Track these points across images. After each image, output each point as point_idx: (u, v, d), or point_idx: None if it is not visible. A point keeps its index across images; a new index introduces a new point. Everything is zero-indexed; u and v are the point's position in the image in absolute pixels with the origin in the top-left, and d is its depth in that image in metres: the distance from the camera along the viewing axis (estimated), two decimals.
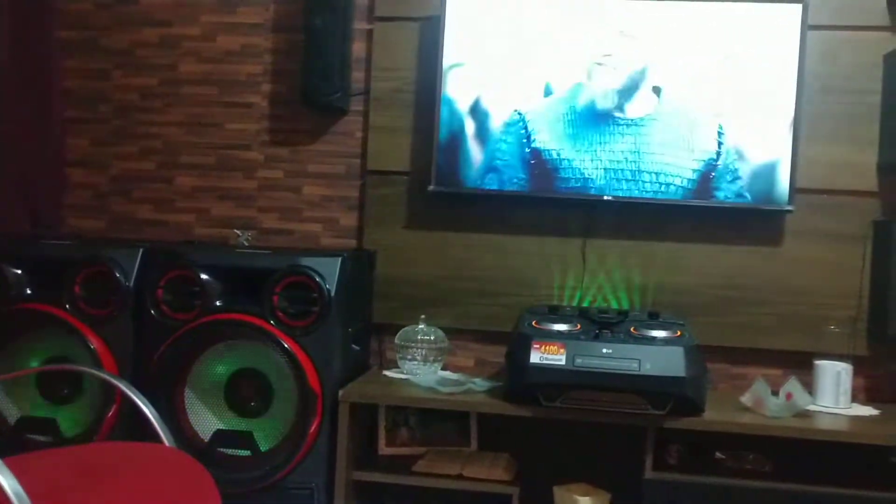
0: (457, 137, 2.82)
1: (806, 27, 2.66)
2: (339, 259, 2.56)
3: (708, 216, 2.79)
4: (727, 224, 2.79)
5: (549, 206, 2.86)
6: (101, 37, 3.16)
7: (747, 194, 2.69)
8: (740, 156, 2.69)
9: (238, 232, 2.91)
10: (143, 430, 2.18)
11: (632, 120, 2.74)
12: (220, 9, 3.09)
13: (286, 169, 3.07)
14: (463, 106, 2.82)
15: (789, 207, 2.69)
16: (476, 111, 2.81)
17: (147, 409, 2.17)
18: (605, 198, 2.75)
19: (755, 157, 2.69)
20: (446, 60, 2.81)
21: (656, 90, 2.73)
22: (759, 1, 2.70)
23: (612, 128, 2.75)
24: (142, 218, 3.14)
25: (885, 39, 2.72)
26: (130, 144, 3.15)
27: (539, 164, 2.77)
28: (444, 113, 2.82)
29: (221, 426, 2.57)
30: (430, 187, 2.84)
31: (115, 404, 2.54)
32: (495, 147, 2.80)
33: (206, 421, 2.58)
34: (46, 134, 3.09)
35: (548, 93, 2.78)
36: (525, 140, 2.78)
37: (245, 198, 3.09)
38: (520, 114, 2.78)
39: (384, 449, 2.77)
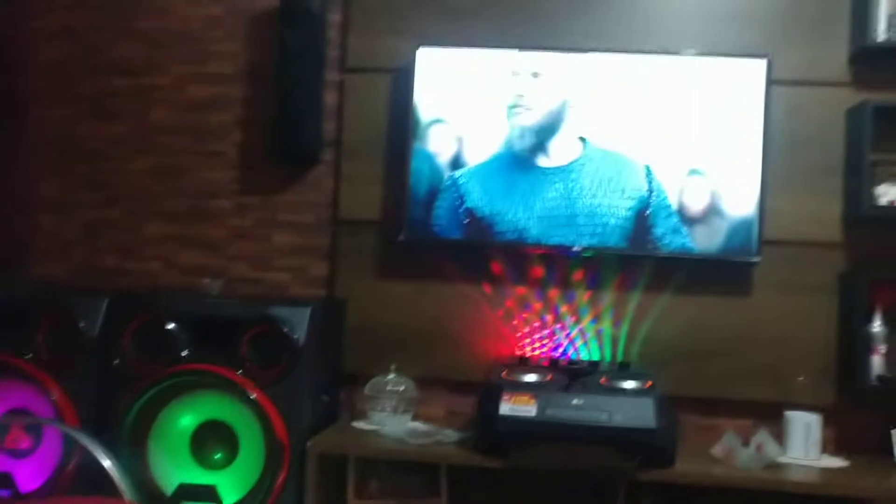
0: (428, 188, 2.83)
1: (770, 82, 2.72)
2: (309, 309, 2.54)
3: (677, 267, 2.81)
4: (696, 275, 2.81)
5: (519, 257, 2.87)
6: (72, 85, 3.15)
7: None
8: (714, 208, 2.73)
9: (207, 280, 2.88)
10: (104, 484, 2.13)
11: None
12: (191, 59, 3.10)
13: (256, 217, 3.06)
14: (441, 159, 2.83)
15: (756, 259, 2.72)
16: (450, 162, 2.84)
17: (107, 463, 2.12)
18: (574, 249, 2.76)
19: (727, 209, 2.72)
20: (422, 114, 2.84)
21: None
22: (725, 56, 2.76)
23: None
24: (108, 266, 3.10)
25: (848, 95, 2.78)
26: (98, 192, 3.12)
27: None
28: (415, 163, 2.83)
29: (185, 479, 2.51)
30: (401, 237, 2.84)
31: (75, 458, 2.48)
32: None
33: (170, 474, 2.53)
34: (14, 180, 3.06)
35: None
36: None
37: (215, 246, 3.07)
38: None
39: (353, 501, 2.71)
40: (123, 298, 2.64)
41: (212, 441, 2.55)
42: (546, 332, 2.86)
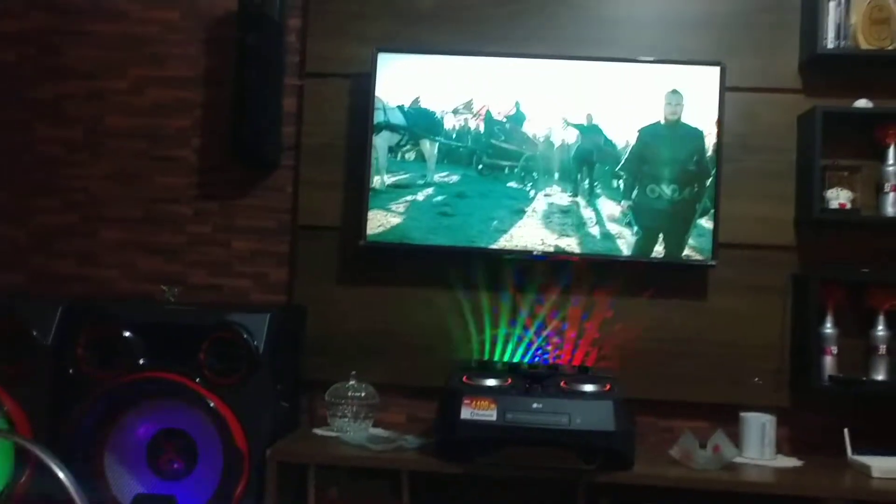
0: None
1: (724, 88, 2.76)
2: (268, 315, 2.52)
3: (634, 271, 2.84)
4: (652, 278, 2.85)
5: (479, 261, 2.88)
6: (24, 88, 3.09)
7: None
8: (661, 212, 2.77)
9: (164, 288, 2.84)
10: (58, 497, 2.09)
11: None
12: (149, 62, 3.06)
13: (216, 223, 3.03)
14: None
15: (712, 262, 2.76)
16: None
17: (62, 475, 2.08)
18: (534, 253, 2.78)
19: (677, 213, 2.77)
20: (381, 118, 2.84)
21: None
22: (681, 63, 2.80)
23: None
24: (63, 273, 3.05)
25: (800, 101, 2.84)
26: (53, 198, 3.07)
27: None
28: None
29: (142, 490, 2.48)
30: (361, 242, 2.83)
31: (28, 469, 2.43)
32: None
33: (127, 485, 2.49)
34: None
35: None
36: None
37: (173, 252, 3.03)
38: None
39: None
40: (79, 306, 2.60)
41: (170, 450, 2.52)
42: (506, 336, 2.87)
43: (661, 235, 2.77)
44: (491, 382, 2.49)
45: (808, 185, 2.74)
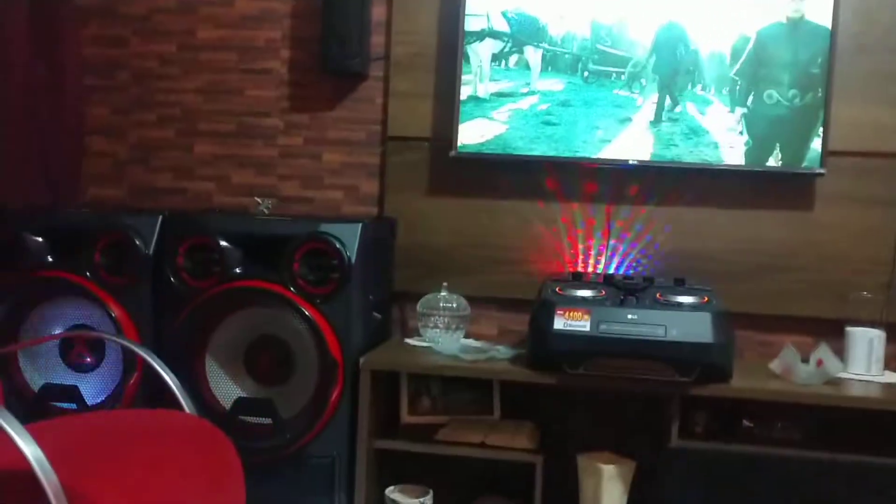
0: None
1: None
2: (360, 226, 2.53)
3: (737, 180, 2.73)
4: (756, 188, 2.73)
5: (574, 171, 2.81)
6: (118, 4, 3.13)
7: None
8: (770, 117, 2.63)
9: (258, 200, 2.88)
10: (164, 398, 2.18)
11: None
12: None
13: (306, 136, 3.04)
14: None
15: (821, 171, 2.62)
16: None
17: (168, 377, 2.17)
18: (630, 162, 2.69)
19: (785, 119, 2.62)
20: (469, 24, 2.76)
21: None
22: None
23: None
24: (161, 186, 3.13)
25: None
26: (149, 112, 3.13)
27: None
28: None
29: (242, 394, 2.56)
30: (452, 153, 2.79)
31: (136, 372, 2.54)
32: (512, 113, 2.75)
33: (227, 389, 2.58)
34: (65, 103, 3.07)
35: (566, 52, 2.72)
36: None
37: (265, 165, 3.07)
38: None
39: (406, 418, 2.75)
40: (177, 217, 2.66)
41: (267, 357, 2.58)
42: (600, 248, 2.82)
43: (777, 145, 2.63)
44: (585, 294, 2.45)
45: None
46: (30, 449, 1.53)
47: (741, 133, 2.65)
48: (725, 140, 2.66)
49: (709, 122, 2.67)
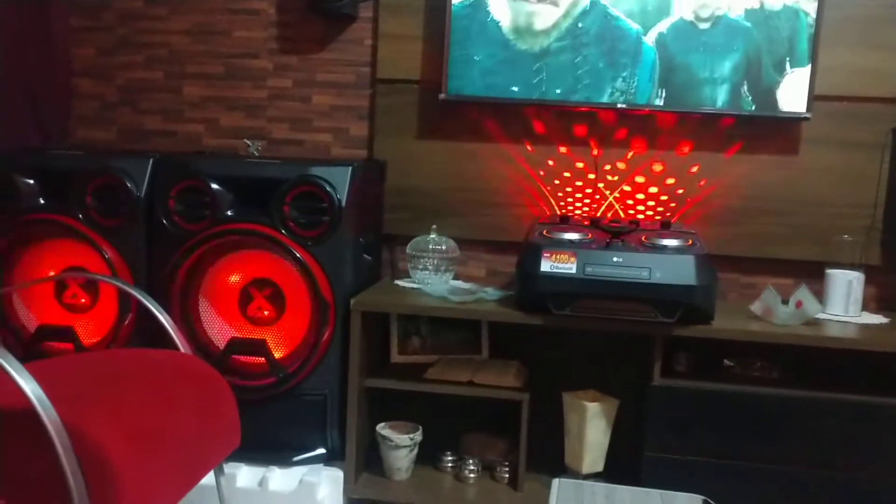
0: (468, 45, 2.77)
1: None
2: (350, 169, 2.54)
3: (722, 124, 2.75)
4: (742, 132, 2.75)
5: (561, 115, 2.82)
6: None
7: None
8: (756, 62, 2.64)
9: (248, 142, 2.89)
10: (159, 339, 2.22)
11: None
12: None
13: (295, 78, 3.03)
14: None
15: (807, 115, 2.64)
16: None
17: (163, 317, 2.20)
18: (619, 105, 2.71)
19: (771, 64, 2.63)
20: None
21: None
22: None
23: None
24: (151, 128, 3.13)
25: None
26: (136, 53, 3.11)
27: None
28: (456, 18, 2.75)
29: (236, 334, 2.61)
30: (442, 96, 2.80)
31: (131, 313, 2.58)
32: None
33: (221, 329, 2.62)
34: (52, 44, 3.05)
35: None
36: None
37: (254, 107, 3.06)
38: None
39: (396, 357, 2.81)
40: (168, 160, 2.66)
41: (259, 298, 2.62)
42: (588, 191, 2.85)
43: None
44: (571, 236, 2.49)
45: None
46: (30, 386, 1.57)
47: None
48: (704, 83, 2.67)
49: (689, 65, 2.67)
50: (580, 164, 2.85)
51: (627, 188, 2.83)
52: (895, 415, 2.34)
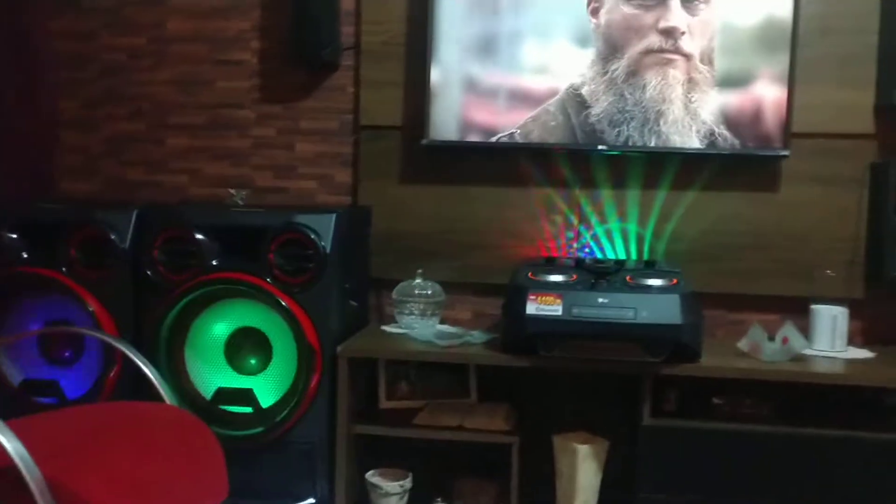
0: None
1: None
2: (334, 215, 2.55)
3: (703, 163, 2.77)
4: (722, 170, 2.78)
5: (544, 157, 2.85)
6: None
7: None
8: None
9: (232, 191, 2.89)
10: (145, 391, 2.21)
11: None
12: None
13: (279, 126, 3.05)
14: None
15: (785, 152, 2.68)
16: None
17: (148, 370, 2.19)
18: (600, 147, 2.73)
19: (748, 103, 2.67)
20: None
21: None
22: None
23: None
24: (134, 180, 3.13)
25: None
26: (121, 106, 3.12)
27: None
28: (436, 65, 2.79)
29: (222, 384, 2.59)
30: (424, 141, 2.82)
31: (116, 365, 2.56)
32: None
33: (207, 379, 2.60)
34: (36, 97, 3.06)
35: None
36: None
37: (238, 156, 3.07)
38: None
39: (384, 403, 2.79)
40: (152, 211, 2.67)
41: (245, 347, 2.61)
42: (571, 232, 2.86)
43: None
44: (556, 278, 2.49)
45: (890, 69, 2.60)
46: (11, 445, 1.56)
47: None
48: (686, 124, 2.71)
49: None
50: (563, 205, 2.86)
51: (611, 227, 2.84)
52: (885, 449, 2.34)
